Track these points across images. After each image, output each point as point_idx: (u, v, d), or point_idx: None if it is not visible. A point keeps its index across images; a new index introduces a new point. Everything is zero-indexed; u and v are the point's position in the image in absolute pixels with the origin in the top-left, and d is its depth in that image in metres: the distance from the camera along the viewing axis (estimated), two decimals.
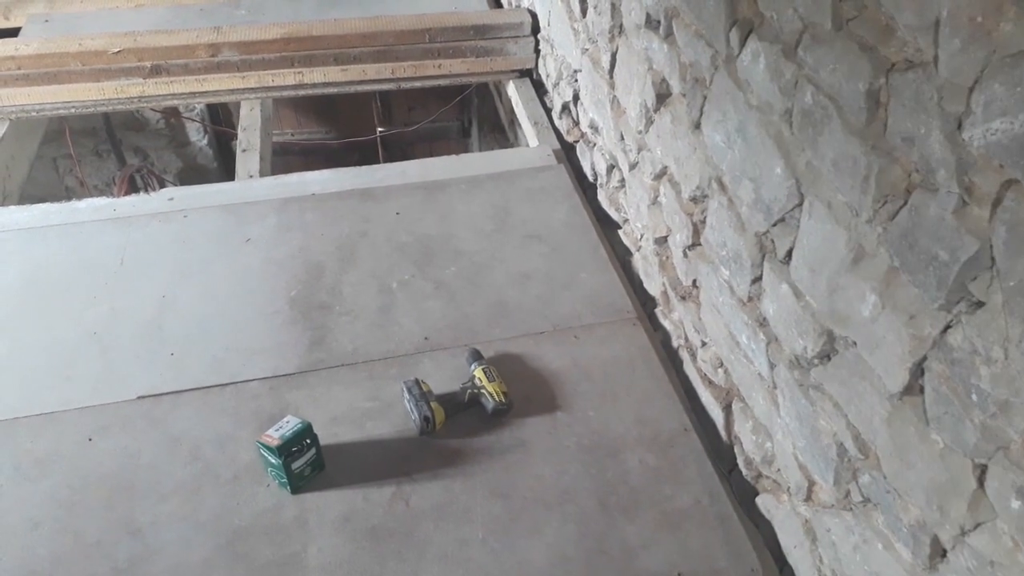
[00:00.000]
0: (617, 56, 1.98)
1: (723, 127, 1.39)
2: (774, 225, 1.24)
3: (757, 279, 1.32)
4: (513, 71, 2.93)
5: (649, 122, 1.79)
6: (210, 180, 4.19)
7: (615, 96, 2.04)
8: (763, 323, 1.33)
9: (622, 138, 2.01)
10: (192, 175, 4.38)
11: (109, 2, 3.17)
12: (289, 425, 1.43)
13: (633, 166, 1.93)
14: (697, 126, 1.51)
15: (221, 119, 4.28)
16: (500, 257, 2.04)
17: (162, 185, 4.18)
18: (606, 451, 1.54)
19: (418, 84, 2.91)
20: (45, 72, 2.61)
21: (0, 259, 2.01)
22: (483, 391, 1.60)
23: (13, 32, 3.01)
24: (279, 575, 1.33)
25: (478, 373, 1.64)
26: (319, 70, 2.76)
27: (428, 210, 2.21)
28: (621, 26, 1.93)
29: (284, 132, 4.60)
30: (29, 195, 2.60)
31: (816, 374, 1.18)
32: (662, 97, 1.70)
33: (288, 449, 1.40)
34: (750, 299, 1.37)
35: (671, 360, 1.79)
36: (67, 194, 4.15)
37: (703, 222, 1.53)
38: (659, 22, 1.67)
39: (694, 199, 1.56)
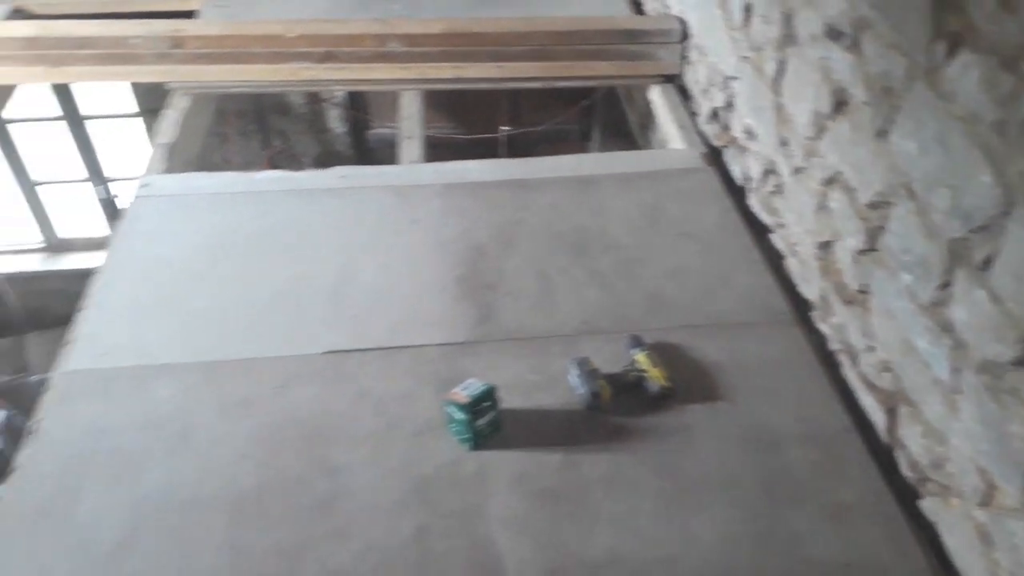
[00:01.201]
0: (786, 65, 2.03)
1: (917, 136, 1.42)
2: (973, 232, 1.27)
3: (945, 285, 1.36)
4: (659, 76, 3.00)
5: (821, 129, 1.84)
6: (347, 165, 4.39)
7: (779, 103, 2.08)
8: (948, 328, 1.36)
9: (783, 144, 2.05)
10: (328, 160, 4.60)
11: None
12: (474, 386, 1.54)
13: (797, 171, 1.97)
14: (882, 134, 1.55)
15: (360, 108, 4.48)
16: (653, 252, 2.11)
17: (300, 168, 4.42)
18: (767, 443, 1.59)
19: (565, 84, 3.00)
20: (227, 52, 2.82)
21: (194, 220, 2.19)
22: (646, 375, 1.68)
23: (188, 14, 3.24)
24: (464, 522, 1.43)
25: (640, 358, 1.72)
26: (476, 65, 2.89)
27: (581, 203, 2.30)
28: (793, 36, 1.98)
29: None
30: (196, 167, 2.81)
31: (1011, 379, 1.21)
32: (840, 105, 1.74)
33: (475, 406, 1.51)
34: (934, 305, 1.40)
35: (827, 363, 1.82)
36: (215, 169, 4.42)
37: (882, 228, 1.57)
38: (842, 33, 1.71)
39: (873, 205, 1.60)
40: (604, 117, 4.58)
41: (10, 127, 4.43)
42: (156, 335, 1.81)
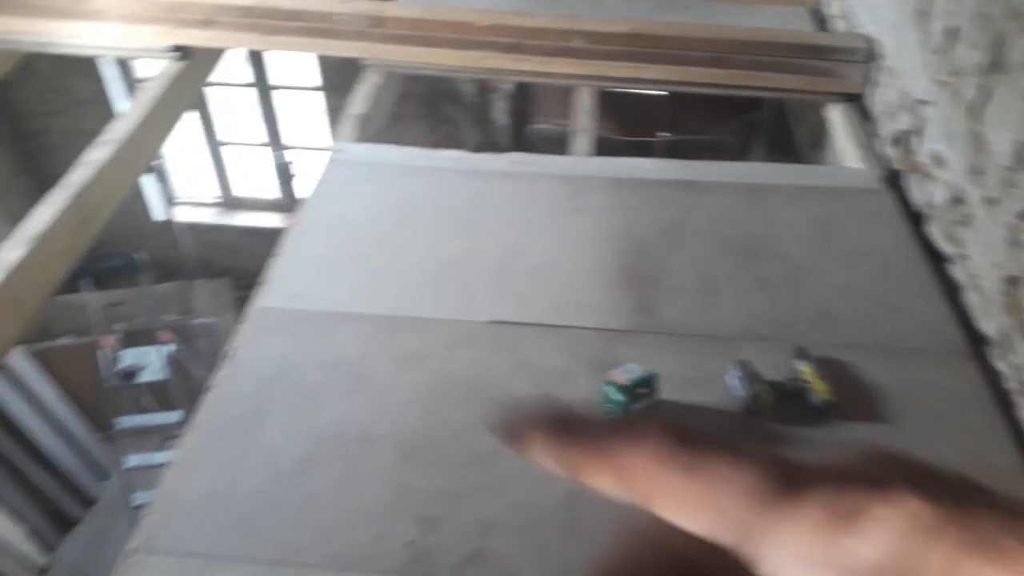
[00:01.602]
0: (992, 92, 1.95)
1: None
2: None
3: None
4: (839, 94, 2.93)
5: (1022, 160, 1.76)
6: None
7: (978, 131, 2.01)
8: None
9: (977, 172, 1.98)
10: (488, 150, 4.75)
11: None
12: (635, 371, 1.59)
13: (990, 202, 1.90)
14: None
15: (526, 102, 4.60)
16: (823, 267, 2.08)
17: None
18: None
19: (744, 93, 2.99)
20: (420, 35, 2.98)
21: (379, 187, 2.34)
22: (810, 387, 1.67)
23: None
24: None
25: (805, 369, 1.71)
26: (654, 67, 2.93)
27: (749, 210, 2.30)
28: (1002, 63, 1.91)
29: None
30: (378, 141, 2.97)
31: None
32: None
33: (634, 390, 1.56)
34: None
35: (1001, 402, 1.75)
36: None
37: None
38: None
39: None
40: (768, 132, 4.50)
41: (205, 89, 4.83)
42: (340, 286, 1.96)
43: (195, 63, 3.17)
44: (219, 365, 1.76)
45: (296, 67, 4.97)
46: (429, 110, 4.56)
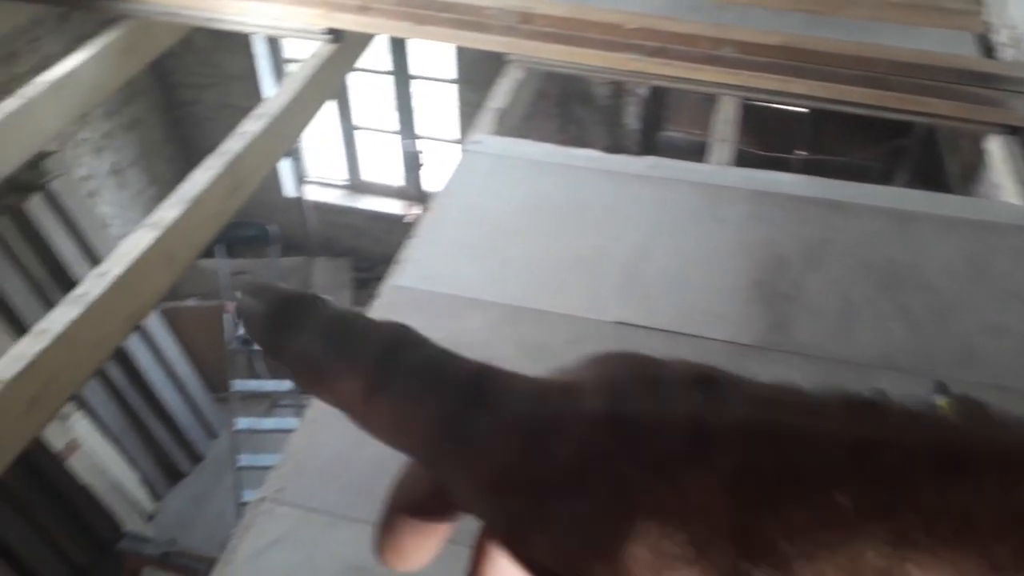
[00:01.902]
0: None
1: None
2: None
3: None
4: (1002, 125, 2.77)
5: None
6: None
7: None
8: None
9: None
10: (614, 153, 4.73)
11: None
12: None
13: None
14: None
15: (659, 108, 4.55)
16: (972, 304, 1.97)
17: None
18: None
19: (895, 117, 2.86)
20: (566, 34, 2.99)
21: (514, 180, 2.37)
22: None
23: None
24: None
25: (944, 404, 1.62)
26: (805, 83, 2.84)
27: (897, 236, 2.19)
28: None
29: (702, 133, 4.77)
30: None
31: None
32: None
33: None
34: None
35: None
36: None
37: None
38: None
39: None
40: (915, 160, 4.29)
41: (347, 74, 5.00)
42: (471, 272, 1.99)
43: (346, 47, 3.29)
44: None
45: (434, 59, 5.09)
46: (561, 109, 4.57)
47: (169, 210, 2.22)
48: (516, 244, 2.10)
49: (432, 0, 3.10)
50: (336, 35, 3.21)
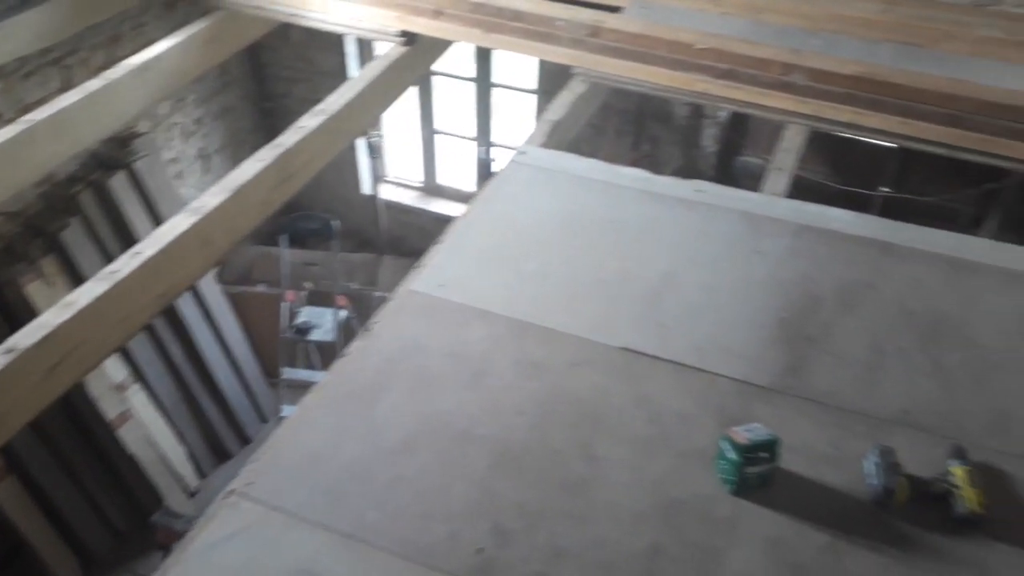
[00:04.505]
0: None
1: None
2: None
3: None
4: None
5: None
6: None
7: None
8: None
9: None
10: (688, 176, 4.60)
11: (700, 3, 3.44)
12: (758, 432, 1.47)
13: None
14: None
15: (740, 133, 4.41)
16: (1019, 365, 1.81)
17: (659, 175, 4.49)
18: None
19: (978, 159, 2.68)
20: (635, 50, 2.93)
21: (553, 194, 2.34)
22: (957, 491, 1.46)
23: (615, 9, 3.42)
24: (699, 560, 1.38)
25: (958, 471, 1.49)
26: (879, 116, 2.69)
27: (949, 286, 2.05)
28: None
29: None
30: (571, 149, 2.97)
31: None
32: None
33: (750, 452, 1.43)
34: None
35: None
36: (584, 157, 4.67)
37: None
38: None
39: None
40: (1008, 207, 4.01)
41: (433, 79, 5.07)
42: (486, 283, 1.97)
43: (418, 50, 3.33)
44: (358, 336, 1.84)
45: (517, 68, 5.09)
46: (635, 127, 4.49)
47: (212, 197, 2.30)
48: (538, 259, 2.07)
49: (505, 8, 3.10)
50: (410, 38, 3.26)
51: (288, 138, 2.62)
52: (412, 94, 5.15)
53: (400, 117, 5.42)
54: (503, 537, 1.39)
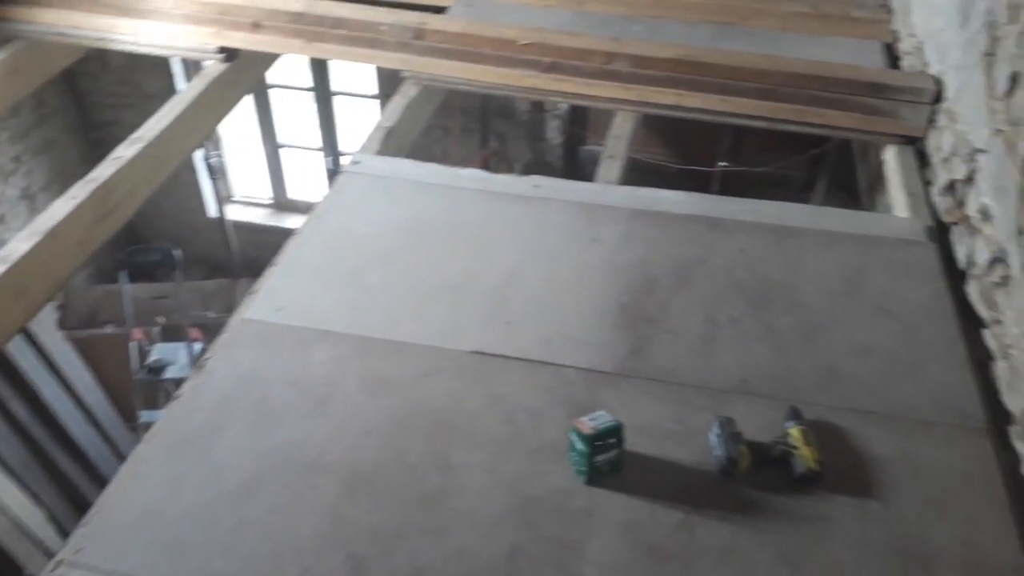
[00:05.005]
0: None
1: None
2: None
3: None
4: (898, 136, 2.75)
5: None
6: (554, 177, 4.45)
7: None
8: None
9: (1021, 233, 1.80)
10: (538, 169, 4.67)
11: None
12: (603, 419, 1.48)
13: None
14: None
15: (580, 123, 4.51)
16: (843, 322, 1.93)
17: (510, 171, 4.54)
18: (919, 560, 1.39)
19: (792, 129, 2.83)
20: (461, 49, 2.93)
21: (391, 202, 2.30)
22: (795, 452, 1.53)
23: (441, 10, 3.40)
24: (558, 555, 1.38)
25: (794, 432, 1.57)
26: (700, 96, 2.80)
27: (775, 254, 2.15)
28: None
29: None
30: (412, 154, 2.94)
31: None
32: None
33: (596, 441, 1.45)
34: None
35: (1016, 488, 1.57)
36: (432, 160, 4.65)
37: None
38: None
39: None
40: (833, 170, 4.29)
41: (271, 92, 4.92)
42: (326, 302, 1.92)
43: (241, 66, 3.20)
44: (190, 375, 1.74)
45: (356, 74, 5.02)
46: (480, 125, 4.52)
47: (21, 243, 2.12)
48: (380, 270, 2.03)
49: (326, 16, 3.03)
50: (230, 54, 3.13)
51: (103, 171, 2.46)
52: (249, 109, 4.98)
53: (240, 134, 5.23)
54: (358, 565, 1.35)
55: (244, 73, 3.29)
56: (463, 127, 4.52)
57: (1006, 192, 1.93)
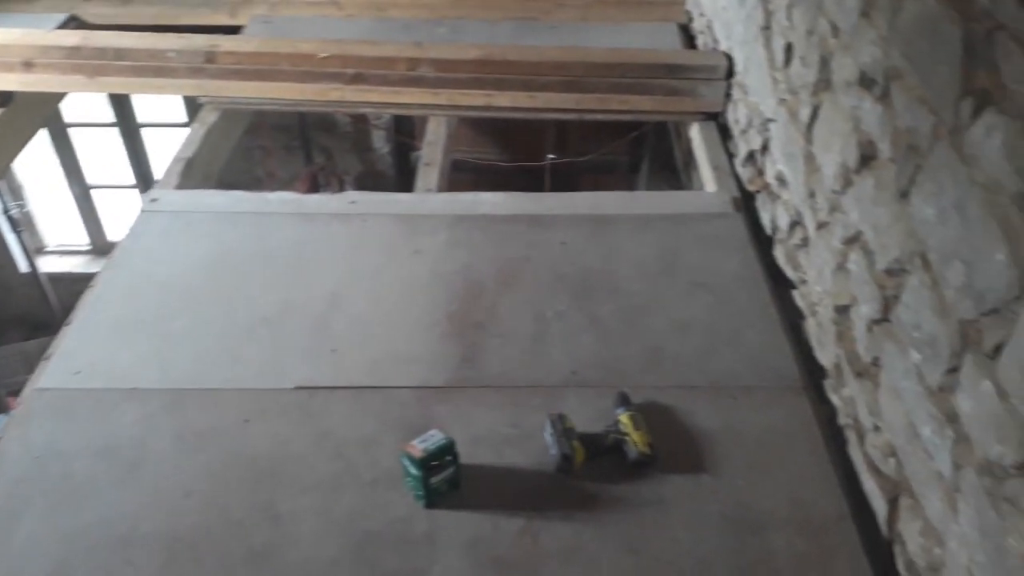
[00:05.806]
0: (819, 111, 1.88)
1: (937, 201, 1.27)
2: (984, 315, 1.12)
3: (953, 370, 1.20)
4: (699, 113, 2.86)
5: (847, 183, 1.68)
6: (387, 186, 4.38)
7: (810, 151, 1.93)
8: (953, 419, 1.20)
9: (812, 195, 1.90)
10: (370, 180, 4.59)
11: (323, 10, 3.38)
12: (433, 439, 1.44)
13: (821, 226, 1.82)
14: (904, 195, 1.40)
15: (406, 130, 4.45)
16: (662, 301, 1.98)
17: (342, 185, 4.42)
18: (751, 526, 1.44)
19: (600, 117, 2.90)
20: (257, 69, 2.80)
21: (194, 238, 2.16)
22: (627, 438, 1.55)
23: (236, 29, 3.26)
24: None
25: (624, 419, 1.59)
26: (508, 94, 2.81)
27: (594, 244, 2.18)
28: (828, 81, 1.83)
29: (460, 149, 4.72)
30: (224, 180, 2.80)
31: (1012, 487, 1.04)
32: (866, 159, 1.59)
33: (429, 463, 1.41)
34: (941, 390, 1.24)
35: (834, 439, 1.66)
36: (256, 183, 4.46)
37: (896, 297, 1.41)
38: (875, 81, 1.57)
39: (889, 272, 1.44)
40: (654, 151, 4.44)
41: (70, 131, 4.56)
42: (130, 357, 1.77)
43: (19, 109, 2.94)
44: None
45: (162, 104, 4.73)
46: (302, 141, 4.37)
47: None
48: (187, 314, 1.89)
49: (106, 48, 2.81)
50: (4, 98, 2.86)
51: None
52: (48, 152, 4.60)
53: (43, 180, 4.83)
54: None
55: (27, 117, 3.01)
56: (284, 145, 4.36)
57: (795, 158, 2.04)
